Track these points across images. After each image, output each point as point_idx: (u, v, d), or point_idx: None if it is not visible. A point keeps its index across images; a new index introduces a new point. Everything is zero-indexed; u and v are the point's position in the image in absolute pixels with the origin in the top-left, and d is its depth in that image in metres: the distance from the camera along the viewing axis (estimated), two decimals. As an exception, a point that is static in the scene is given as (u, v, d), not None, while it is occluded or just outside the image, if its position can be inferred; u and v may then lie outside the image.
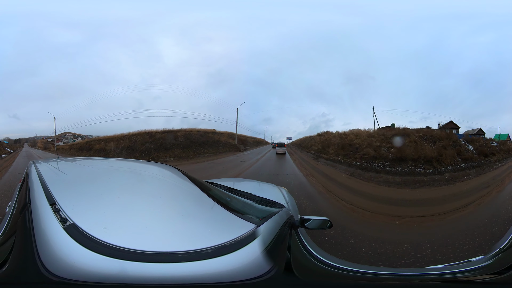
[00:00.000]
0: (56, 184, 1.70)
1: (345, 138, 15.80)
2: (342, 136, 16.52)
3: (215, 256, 1.13)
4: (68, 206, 1.32)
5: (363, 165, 11.67)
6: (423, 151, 9.97)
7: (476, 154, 9.92)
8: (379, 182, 9.57)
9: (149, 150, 16.64)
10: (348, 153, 13.86)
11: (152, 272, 1.05)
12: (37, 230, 1.18)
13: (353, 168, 11.91)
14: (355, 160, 12.70)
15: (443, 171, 8.93)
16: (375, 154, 11.72)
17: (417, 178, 9.20)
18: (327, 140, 17.26)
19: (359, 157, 12.56)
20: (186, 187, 2.08)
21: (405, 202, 7.65)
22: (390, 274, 1.79)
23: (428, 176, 8.99)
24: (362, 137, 14.83)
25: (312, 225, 2.00)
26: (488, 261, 1.77)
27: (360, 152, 12.89)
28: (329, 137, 17.51)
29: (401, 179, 9.45)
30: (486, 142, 11.19)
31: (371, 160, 11.65)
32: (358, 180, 10.36)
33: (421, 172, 9.15)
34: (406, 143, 11.22)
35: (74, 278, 1.00)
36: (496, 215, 5.94)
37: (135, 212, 1.45)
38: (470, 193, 7.74)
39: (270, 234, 1.39)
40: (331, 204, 7.60)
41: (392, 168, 10.10)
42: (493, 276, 1.64)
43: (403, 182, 9.29)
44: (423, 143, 10.87)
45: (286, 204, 2.54)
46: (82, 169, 2.71)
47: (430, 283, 1.70)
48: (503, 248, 1.86)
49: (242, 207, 2.03)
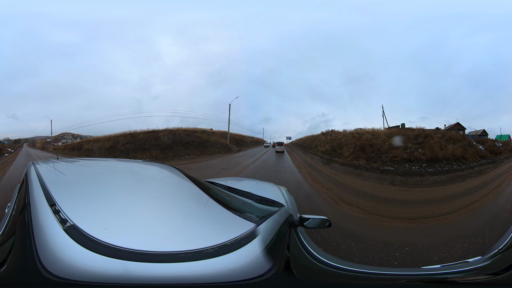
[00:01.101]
0: (55, 185, 1.70)
1: (360, 138, 13.57)
2: (355, 135, 14.29)
3: (216, 255, 1.13)
4: (68, 207, 1.32)
5: (399, 169, 10.42)
6: (448, 150, 10.59)
7: (488, 153, 11.20)
8: (430, 185, 9.16)
9: (128, 150, 16.62)
10: (370, 155, 11.73)
11: (155, 272, 1.05)
12: (36, 231, 1.18)
13: (389, 175, 9.93)
14: (383, 164, 10.80)
15: (472, 166, 10.18)
16: (408, 156, 10.74)
17: (457, 173, 9.86)
18: (336, 140, 15.09)
19: (389, 160, 10.91)
20: (186, 186, 2.09)
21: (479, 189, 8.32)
22: (387, 274, 1.79)
23: (465, 171, 10.00)
24: (381, 137, 12.83)
25: (311, 224, 2.01)
26: (485, 262, 1.76)
27: (388, 154, 11.14)
28: (337, 137, 15.52)
29: (446, 177, 9.72)
30: (493, 142, 12.48)
31: (405, 163, 10.60)
32: (406, 189, 8.77)
33: (457, 168, 9.96)
34: (432, 144, 11.20)
35: (75, 279, 1.00)
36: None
37: (136, 212, 1.45)
38: (500, 177, 9.49)
39: (269, 233, 1.39)
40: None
41: (432, 168, 10.10)
42: (491, 277, 1.63)
43: (449, 179, 9.60)
44: (444, 143, 11.25)
45: (285, 203, 2.54)
46: (82, 170, 2.70)
47: (426, 283, 1.70)
48: (502, 249, 1.84)
49: (242, 206, 2.04)
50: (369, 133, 13.91)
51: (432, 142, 11.19)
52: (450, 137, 12.10)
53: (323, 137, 16.91)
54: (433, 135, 11.93)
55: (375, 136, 13.32)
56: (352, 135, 14.68)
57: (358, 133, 14.39)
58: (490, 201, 7.10)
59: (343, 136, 15.10)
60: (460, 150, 10.69)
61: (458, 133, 13.28)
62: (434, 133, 12.25)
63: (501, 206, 6.56)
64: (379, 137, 13.07)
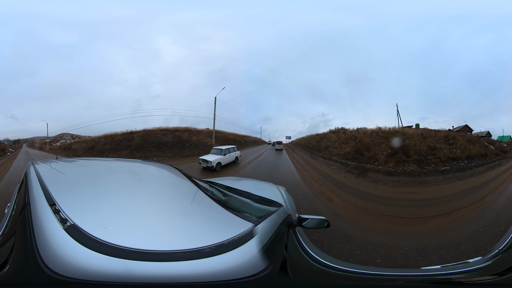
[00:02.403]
0: (55, 185, 1.71)
1: (387, 138, 12.33)
2: (379, 134, 12.53)
3: (213, 255, 1.14)
4: (68, 207, 1.33)
5: (454, 167, 11.39)
6: (474, 149, 12.30)
7: (499, 151, 13.22)
8: (479, 174, 10.72)
9: (104, 150, 16.83)
10: (417, 158, 11.08)
11: (155, 271, 1.06)
12: (37, 231, 1.19)
13: (450, 174, 10.28)
14: (436, 166, 10.84)
15: (494, 161, 12.36)
16: (453, 155, 11.75)
17: (489, 165, 11.97)
18: (356, 140, 12.50)
19: (439, 161, 11.14)
20: (185, 186, 2.09)
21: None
22: (383, 275, 1.78)
23: (491, 164, 12.14)
24: (414, 138, 12.37)
25: (309, 224, 2.01)
26: (486, 262, 1.74)
27: (431, 155, 11.33)
28: (355, 135, 12.97)
29: (484, 168, 11.77)
30: (500, 143, 14.46)
31: (451, 161, 11.63)
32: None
33: (486, 162, 12.22)
34: (462, 144, 12.40)
35: (78, 277, 1.02)
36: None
37: (135, 211, 1.46)
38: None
39: (267, 233, 1.40)
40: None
41: (472, 163, 11.94)
42: (492, 278, 1.61)
43: (486, 169, 11.50)
44: (467, 144, 12.65)
45: (284, 203, 2.54)
46: (81, 170, 2.71)
47: (424, 284, 1.69)
48: (502, 249, 1.82)
49: (240, 206, 2.04)
50: (399, 132, 12.78)
51: (461, 143, 12.38)
52: (469, 138, 13.53)
53: (334, 136, 14.04)
54: (457, 137, 13.02)
55: (406, 136, 12.47)
56: (376, 133, 12.62)
57: (391, 133, 12.67)
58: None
59: (366, 135, 12.57)
60: (483, 149, 12.63)
61: (474, 135, 14.74)
62: (457, 135, 13.38)
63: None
64: (411, 137, 12.36)
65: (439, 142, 12.26)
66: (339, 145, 13.12)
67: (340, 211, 6.66)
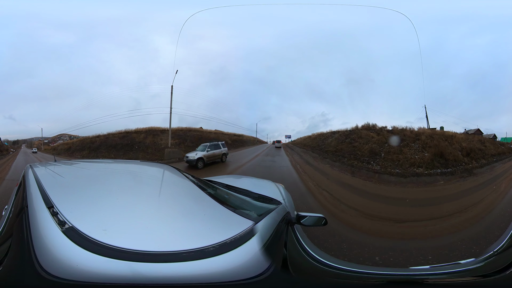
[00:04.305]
0: (53, 187, 1.70)
1: (440, 140, 12.89)
2: (434, 136, 12.96)
3: (217, 254, 1.13)
4: (66, 209, 1.32)
5: (499, 159, 14.28)
6: (500, 149, 15.03)
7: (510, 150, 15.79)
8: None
9: (76, 150, 18.35)
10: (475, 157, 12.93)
11: (160, 272, 1.05)
12: (34, 233, 1.18)
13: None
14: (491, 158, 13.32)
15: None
16: (495, 152, 14.54)
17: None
18: (433, 143, 12.21)
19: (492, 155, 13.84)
20: (184, 185, 2.09)
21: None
22: (378, 274, 1.77)
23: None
24: (456, 139, 13.65)
25: (308, 222, 2.01)
26: (478, 264, 1.72)
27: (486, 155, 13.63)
28: (386, 136, 12.35)
29: None
30: (508, 144, 16.66)
31: (492, 159, 14.00)
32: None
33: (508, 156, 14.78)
34: (491, 144, 15.05)
35: (76, 279, 1.01)
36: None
37: (135, 213, 1.45)
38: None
39: (267, 231, 1.40)
40: None
41: (503, 158, 14.54)
42: (482, 279, 1.60)
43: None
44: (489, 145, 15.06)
45: (283, 200, 2.56)
46: (80, 172, 2.70)
47: (422, 283, 1.68)
48: (497, 251, 1.80)
49: (240, 204, 2.04)
50: (444, 136, 13.89)
51: (489, 143, 15.18)
52: (488, 141, 16.01)
53: (375, 136, 11.01)
54: (483, 139, 15.69)
55: (456, 139, 13.89)
56: (431, 137, 12.70)
57: (439, 136, 13.04)
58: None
59: (412, 136, 12.38)
60: (500, 149, 15.23)
61: (491, 138, 16.87)
62: (482, 138, 15.88)
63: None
64: (462, 140, 13.97)
65: (480, 143, 14.74)
66: (392, 154, 9.61)
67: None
